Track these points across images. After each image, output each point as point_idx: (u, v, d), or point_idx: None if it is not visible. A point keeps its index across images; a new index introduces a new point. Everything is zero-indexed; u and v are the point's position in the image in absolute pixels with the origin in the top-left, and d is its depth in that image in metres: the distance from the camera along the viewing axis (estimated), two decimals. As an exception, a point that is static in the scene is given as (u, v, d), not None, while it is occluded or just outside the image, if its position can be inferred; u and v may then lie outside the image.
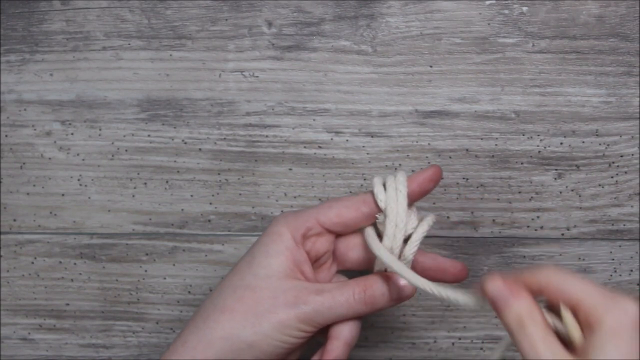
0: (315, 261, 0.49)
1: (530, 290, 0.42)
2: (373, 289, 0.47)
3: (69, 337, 0.59)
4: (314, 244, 0.48)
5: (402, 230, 0.47)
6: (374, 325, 0.58)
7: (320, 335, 0.49)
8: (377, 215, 0.48)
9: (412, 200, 0.48)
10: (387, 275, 0.47)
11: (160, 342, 0.59)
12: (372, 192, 0.48)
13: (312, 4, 0.55)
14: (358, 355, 0.58)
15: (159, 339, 0.59)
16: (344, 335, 0.47)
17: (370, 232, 0.48)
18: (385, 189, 0.48)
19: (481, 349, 0.57)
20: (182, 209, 0.57)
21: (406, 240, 0.48)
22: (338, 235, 0.49)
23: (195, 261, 0.58)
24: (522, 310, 0.41)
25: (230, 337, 0.46)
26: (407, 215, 0.47)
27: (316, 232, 0.48)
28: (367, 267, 0.50)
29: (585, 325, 0.40)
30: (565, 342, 0.41)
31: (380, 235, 0.48)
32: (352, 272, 0.50)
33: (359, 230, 0.49)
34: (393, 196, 0.47)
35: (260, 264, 0.47)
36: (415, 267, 0.48)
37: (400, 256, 0.47)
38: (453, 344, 0.58)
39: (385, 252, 0.46)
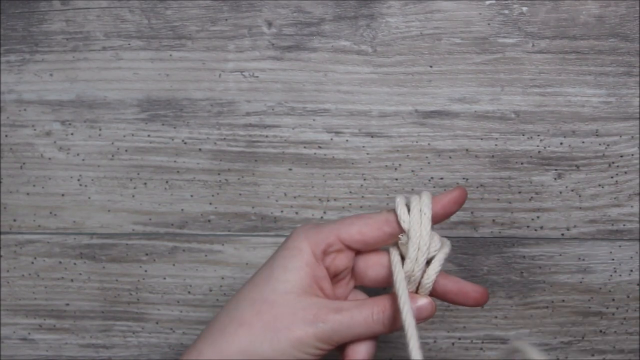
0: (334, 277, 0.49)
1: None
2: (393, 310, 0.46)
3: (69, 337, 0.59)
4: (333, 260, 0.48)
5: (424, 253, 0.46)
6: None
7: (335, 351, 0.48)
8: (400, 236, 0.47)
9: (435, 222, 0.48)
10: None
11: (160, 342, 0.59)
12: (394, 212, 0.47)
13: (312, 4, 0.55)
14: (358, 355, 0.58)
15: (158, 339, 0.59)
16: (361, 355, 0.46)
17: (394, 255, 0.48)
18: (409, 209, 0.47)
19: (481, 349, 0.57)
20: (182, 209, 0.57)
21: (428, 262, 0.47)
22: (357, 252, 0.49)
23: (195, 261, 0.58)
24: None
25: (247, 352, 0.45)
26: (430, 238, 0.47)
27: (336, 249, 0.47)
28: (385, 285, 0.49)
29: None
30: None
31: (402, 256, 0.47)
32: (370, 289, 0.50)
33: (380, 249, 0.49)
34: (417, 218, 0.47)
35: (279, 278, 0.47)
36: (436, 289, 0.48)
37: (422, 277, 0.47)
38: (453, 344, 0.58)
39: (402, 284, 0.46)
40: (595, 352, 0.57)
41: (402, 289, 0.46)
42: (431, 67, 0.55)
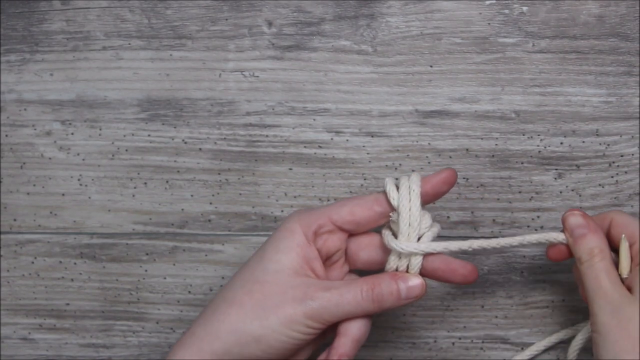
0: (327, 259, 0.49)
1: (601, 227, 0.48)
2: (381, 287, 0.47)
3: (69, 337, 0.59)
4: (325, 241, 0.49)
5: (415, 229, 0.48)
6: (374, 325, 0.58)
7: (330, 335, 0.49)
8: (390, 214, 0.48)
9: (425, 202, 0.49)
10: (396, 275, 0.47)
11: (160, 341, 0.59)
12: (384, 192, 0.48)
13: (312, 3, 0.55)
14: (358, 355, 0.58)
15: (159, 338, 0.59)
16: (352, 332, 0.47)
17: (387, 234, 0.49)
18: (398, 188, 0.48)
19: (481, 349, 0.57)
20: (182, 209, 0.57)
21: (418, 239, 0.48)
22: (350, 234, 0.49)
23: (196, 261, 0.58)
24: (595, 243, 0.47)
25: (237, 330, 0.46)
26: (420, 215, 0.48)
27: (328, 230, 0.48)
28: (378, 267, 0.50)
29: (635, 262, 0.47)
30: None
31: (394, 234, 0.48)
32: (365, 273, 0.50)
33: (371, 231, 0.50)
34: (406, 195, 0.48)
35: (271, 259, 0.47)
36: (425, 267, 0.49)
37: (412, 254, 0.48)
38: (453, 343, 0.58)
39: (405, 243, 0.47)
40: (596, 351, 0.57)
41: (401, 243, 0.48)
42: (431, 66, 0.55)
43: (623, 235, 0.48)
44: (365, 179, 0.56)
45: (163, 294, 0.58)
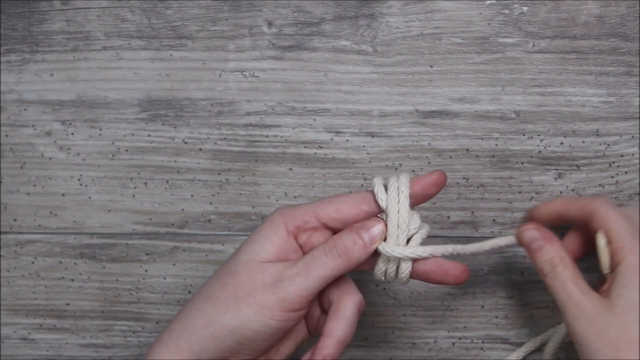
0: None
1: (581, 216, 0.48)
2: (342, 239, 0.46)
3: (69, 337, 0.59)
4: (309, 237, 0.48)
5: (404, 231, 0.47)
6: (374, 325, 0.58)
7: (314, 334, 0.48)
8: (378, 215, 0.48)
9: (415, 203, 0.48)
10: (354, 226, 0.47)
11: (160, 342, 0.59)
12: (372, 192, 0.48)
13: (312, 3, 0.55)
14: (358, 355, 0.58)
15: (159, 338, 0.59)
16: (337, 333, 0.46)
17: None
18: (386, 189, 0.48)
19: (481, 349, 0.57)
20: (183, 209, 0.57)
21: (408, 242, 0.48)
22: (335, 232, 0.49)
23: (196, 261, 0.58)
24: (553, 253, 0.47)
25: (211, 324, 0.45)
26: (409, 216, 0.47)
27: (312, 226, 0.48)
28: (368, 267, 0.49)
29: (615, 261, 0.46)
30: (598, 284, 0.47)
31: (384, 237, 0.48)
32: (353, 273, 0.50)
33: None
34: (394, 196, 0.47)
35: (245, 250, 0.47)
36: (416, 270, 0.48)
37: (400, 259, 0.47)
38: (453, 344, 0.58)
39: (391, 247, 0.47)
40: (596, 351, 0.57)
41: (388, 246, 0.47)
42: (431, 66, 0.55)
43: (598, 233, 0.47)
44: (365, 179, 0.56)
45: (163, 294, 0.58)
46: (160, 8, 0.56)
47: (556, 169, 0.55)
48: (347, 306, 0.47)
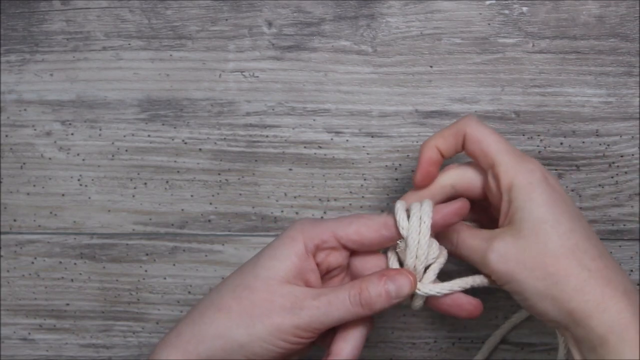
0: (327, 273, 0.48)
1: (456, 139, 0.47)
2: (369, 290, 0.45)
3: (69, 337, 0.59)
4: (327, 256, 0.47)
5: (422, 262, 0.46)
6: (374, 325, 0.58)
7: (321, 342, 0.48)
8: (398, 242, 0.47)
9: (435, 231, 0.47)
10: (383, 274, 0.46)
11: (160, 342, 0.59)
12: (394, 216, 0.46)
13: (312, 4, 0.55)
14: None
15: (159, 339, 0.59)
16: (345, 354, 0.46)
17: (393, 261, 0.48)
18: (408, 216, 0.46)
19: (481, 349, 0.57)
20: (182, 209, 0.58)
21: (425, 270, 0.47)
22: (353, 252, 0.48)
23: (196, 261, 0.58)
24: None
25: (223, 336, 0.45)
26: (428, 247, 0.46)
27: (331, 246, 0.47)
28: None
29: (504, 188, 0.45)
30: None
31: (400, 262, 0.47)
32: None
33: (378, 251, 0.48)
34: (416, 226, 0.46)
35: (264, 265, 0.46)
36: (430, 299, 0.47)
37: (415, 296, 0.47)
38: (453, 344, 0.58)
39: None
40: (596, 352, 0.57)
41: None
42: (431, 67, 0.55)
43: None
44: (365, 179, 0.56)
45: (163, 294, 0.58)
46: (160, 8, 0.56)
47: (556, 169, 0.55)
48: (357, 328, 0.47)
